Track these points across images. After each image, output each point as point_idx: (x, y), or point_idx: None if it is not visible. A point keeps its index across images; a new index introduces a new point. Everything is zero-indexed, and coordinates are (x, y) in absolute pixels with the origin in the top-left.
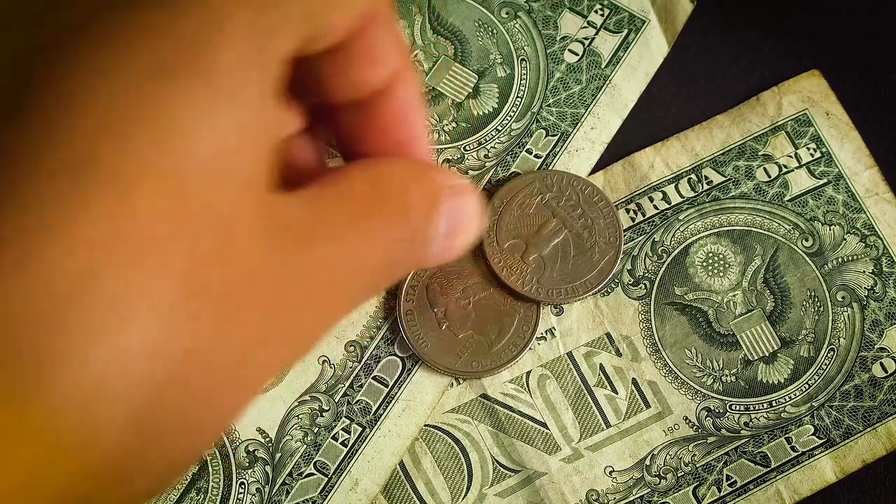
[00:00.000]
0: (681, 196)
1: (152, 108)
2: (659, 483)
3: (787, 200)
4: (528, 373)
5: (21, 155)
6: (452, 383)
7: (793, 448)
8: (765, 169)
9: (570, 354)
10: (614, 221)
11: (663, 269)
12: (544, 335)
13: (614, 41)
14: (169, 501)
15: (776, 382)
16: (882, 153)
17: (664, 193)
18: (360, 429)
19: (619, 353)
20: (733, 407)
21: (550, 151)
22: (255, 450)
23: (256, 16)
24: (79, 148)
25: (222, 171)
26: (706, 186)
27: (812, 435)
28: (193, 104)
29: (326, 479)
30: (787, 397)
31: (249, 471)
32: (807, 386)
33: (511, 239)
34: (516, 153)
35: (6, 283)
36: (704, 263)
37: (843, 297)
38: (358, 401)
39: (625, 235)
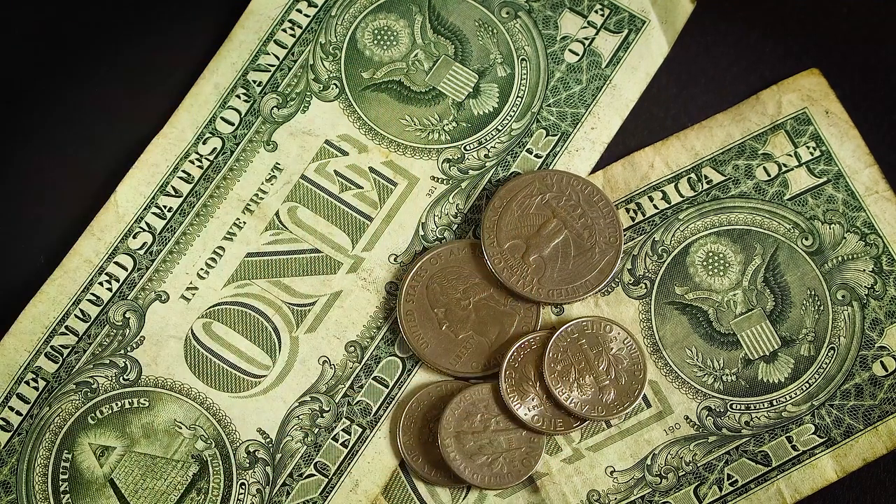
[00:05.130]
0: (681, 195)
1: None
2: (660, 483)
3: (787, 199)
4: None
5: None
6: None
7: (794, 447)
8: (764, 168)
9: None
10: (614, 221)
11: (663, 268)
12: None
13: (614, 41)
14: (170, 502)
15: (777, 381)
16: (882, 152)
17: (664, 193)
18: (360, 429)
19: None
20: (734, 406)
21: (551, 151)
22: (256, 450)
23: None
24: None
25: None
26: (706, 186)
27: (813, 434)
28: None
29: (327, 479)
30: (787, 396)
31: (250, 471)
32: (807, 385)
33: (511, 239)
34: (516, 153)
35: None
36: (704, 263)
37: (843, 296)
38: (358, 401)
39: (625, 235)
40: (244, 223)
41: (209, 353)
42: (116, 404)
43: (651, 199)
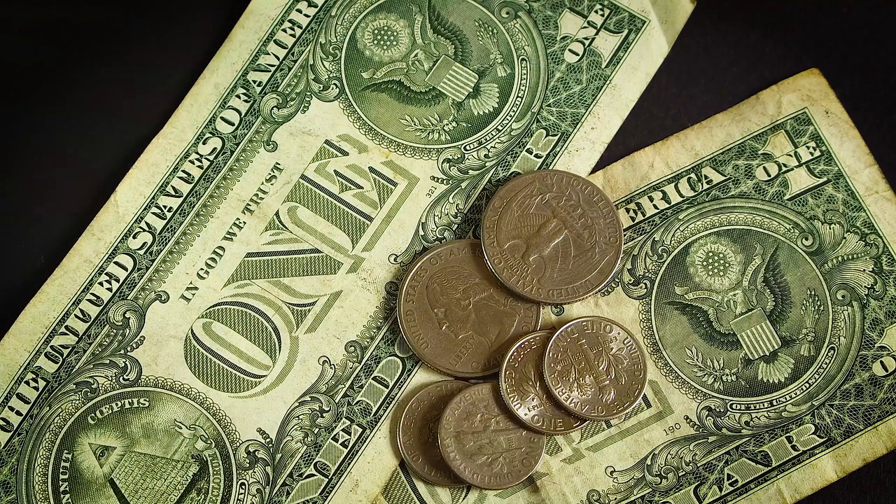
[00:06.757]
0: (681, 195)
1: None
2: (660, 483)
3: (787, 199)
4: None
5: None
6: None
7: (794, 447)
8: (764, 168)
9: None
10: (614, 221)
11: (663, 268)
12: None
13: (615, 41)
14: (170, 502)
15: (777, 381)
16: (882, 152)
17: (664, 193)
18: (360, 429)
19: None
20: (734, 406)
21: (551, 151)
22: (256, 450)
23: None
24: None
25: None
26: (706, 186)
27: (813, 434)
28: None
29: (327, 479)
30: (787, 396)
31: (250, 471)
32: (807, 385)
33: (511, 239)
34: (516, 153)
35: None
36: (704, 263)
37: (843, 296)
38: (358, 401)
39: (625, 235)
40: (244, 223)
41: (209, 353)
42: (116, 404)
43: (651, 199)
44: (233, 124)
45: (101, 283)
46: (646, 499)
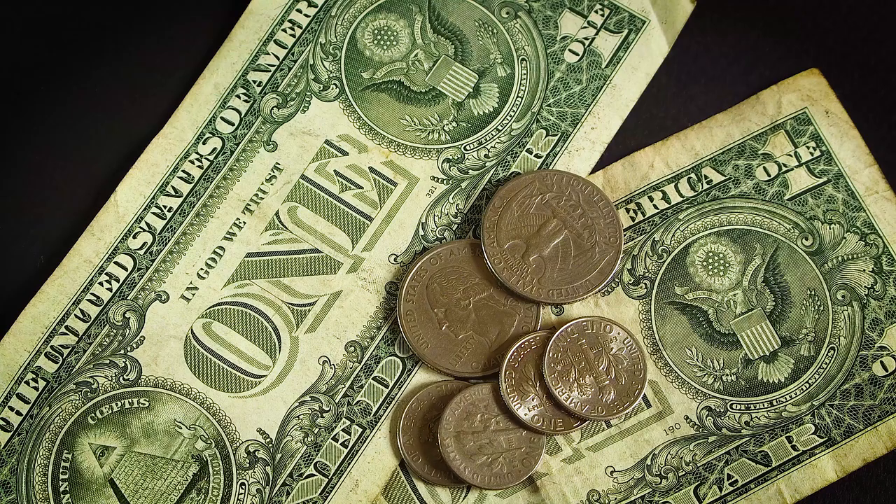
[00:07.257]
0: (680, 195)
1: None
2: (660, 483)
3: (787, 199)
4: None
5: None
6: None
7: (794, 447)
8: (764, 168)
9: None
10: (614, 221)
11: (663, 268)
12: None
13: (615, 41)
14: (170, 502)
15: (777, 381)
16: (882, 152)
17: (664, 193)
18: (360, 429)
19: None
20: (734, 406)
21: (551, 151)
22: (256, 450)
23: None
24: None
25: None
26: (706, 186)
27: (813, 434)
28: None
29: (327, 479)
30: (787, 396)
31: (250, 471)
32: (807, 385)
33: (511, 239)
34: (516, 153)
35: None
36: (704, 263)
37: (843, 296)
38: (358, 401)
39: (625, 235)
40: (244, 223)
41: (209, 353)
42: (116, 404)
43: (651, 199)
44: (233, 124)
45: (101, 283)
46: (646, 499)
